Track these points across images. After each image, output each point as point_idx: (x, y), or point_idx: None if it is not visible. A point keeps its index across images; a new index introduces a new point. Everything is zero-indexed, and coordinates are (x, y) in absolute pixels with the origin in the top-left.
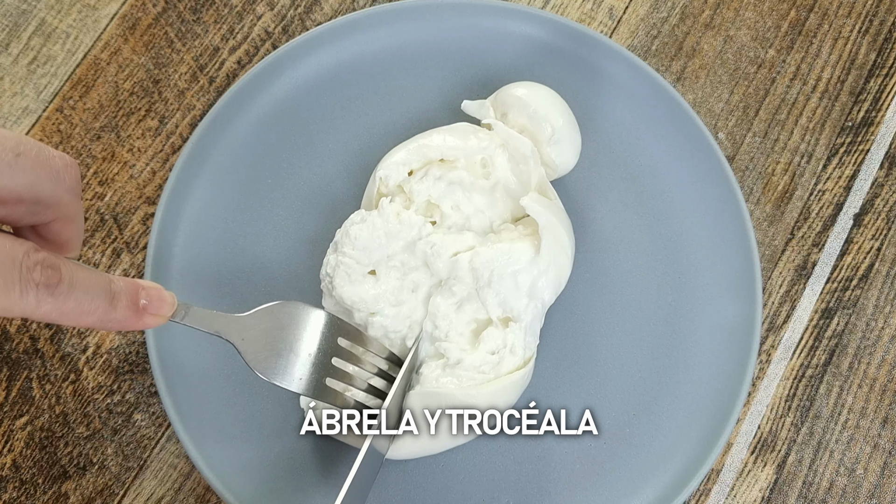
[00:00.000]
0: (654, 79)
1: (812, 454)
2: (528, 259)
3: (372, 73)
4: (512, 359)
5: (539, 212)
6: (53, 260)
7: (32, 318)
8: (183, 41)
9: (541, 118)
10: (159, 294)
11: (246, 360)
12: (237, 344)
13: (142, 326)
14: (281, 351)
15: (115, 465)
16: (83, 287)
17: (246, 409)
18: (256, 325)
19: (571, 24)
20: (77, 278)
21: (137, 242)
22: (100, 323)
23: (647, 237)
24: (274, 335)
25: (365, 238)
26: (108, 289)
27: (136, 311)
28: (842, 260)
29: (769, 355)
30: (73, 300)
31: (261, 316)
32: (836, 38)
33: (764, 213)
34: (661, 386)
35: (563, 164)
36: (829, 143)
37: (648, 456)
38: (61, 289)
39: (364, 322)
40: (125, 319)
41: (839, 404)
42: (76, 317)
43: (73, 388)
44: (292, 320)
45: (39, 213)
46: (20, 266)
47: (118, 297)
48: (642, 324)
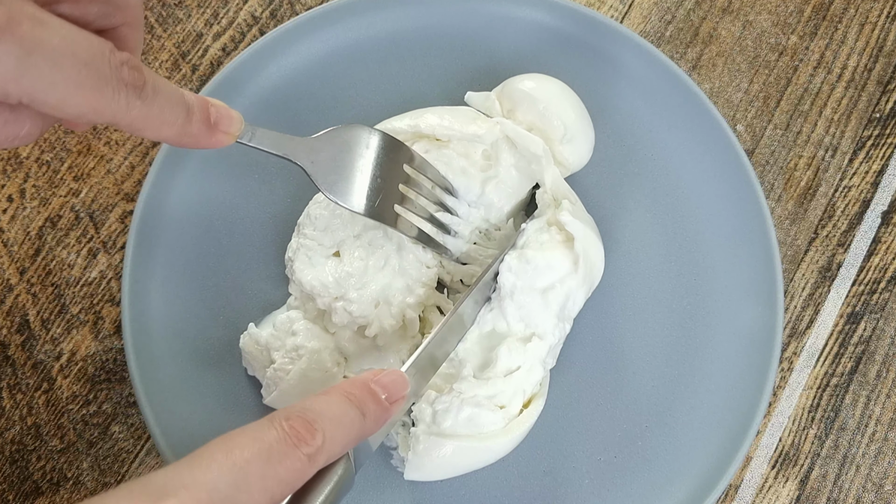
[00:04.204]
0: (668, 67)
1: (837, 469)
2: (562, 275)
3: (366, 61)
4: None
5: (578, 227)
6: (136, 61)
7: (118, 122)
8: (164, 26)
9: (552, 115)
10: (227, 112)
11: (317, 183)
12: (306, 167)
13: (213, 144)
14: (350, 174)
15: (91, 481)
16: (165, 94)
17: (231, 421)
18: (324, 147)
19: (580, 8)
20: (159, 83)
21: (115, 242)
22: (176, 136)
23: (660, 236)
24: (342, 158)
25: (326, 217)
26: (184, 100)
27: (209, 127)
28: (869, 261)
29: (791, 363)
30: (157, 106)
31: (328, 138)
32: (862, 23)
33: (786, 210)
34: (675, 396)
35: (577, 162)
36: (855, 135)
37: (662, 471)
38: (146, 92)
39: (328, 308)
40: (200, 134)
41: (866, 415)
42: (158, 126)
43: (46, 397)
44: (359, 142)
45: (110, 14)
46: (108, 62)
47: (193, 110)
48: (655, 329)
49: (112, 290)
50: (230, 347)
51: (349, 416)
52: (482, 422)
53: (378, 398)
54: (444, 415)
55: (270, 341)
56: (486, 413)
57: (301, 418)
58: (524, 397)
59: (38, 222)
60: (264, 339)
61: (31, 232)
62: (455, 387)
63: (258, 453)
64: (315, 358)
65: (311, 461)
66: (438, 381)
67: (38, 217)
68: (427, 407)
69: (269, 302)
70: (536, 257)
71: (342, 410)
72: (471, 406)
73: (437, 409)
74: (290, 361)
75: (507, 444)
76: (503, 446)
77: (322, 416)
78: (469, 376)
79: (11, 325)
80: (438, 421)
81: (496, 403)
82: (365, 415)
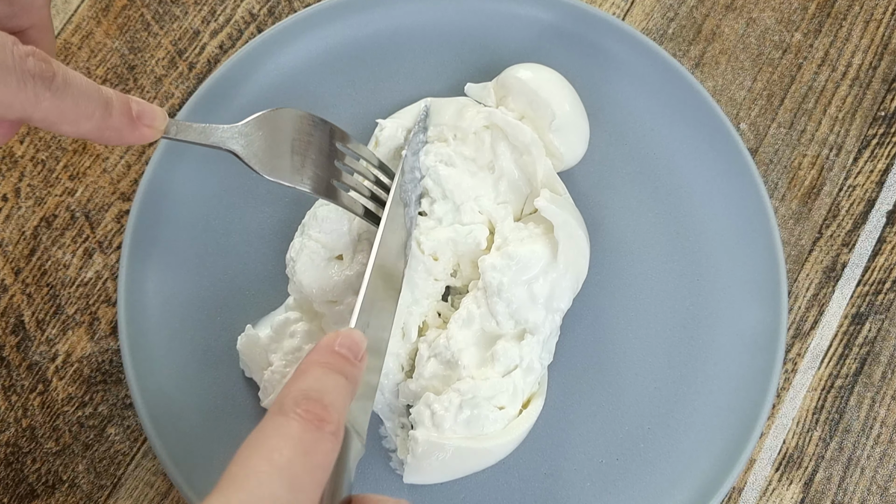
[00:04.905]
0: (670, 65)
1: (842, 471)
2: (544, 265)
3: (365, 58)
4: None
5: (555, 212)
6: (43, 53)
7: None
8: (160, 24)
9: (542, 103)
10: (150, 107)
11: (252, 166)
12: (238, 151)
13: (138, 139)
14: (283, 153)
15: (87, 484)
16: (78, 86)
17: (229, 423)
18: (254, 131)
19: (581, 4)
20: (71, 76)
21: (111, 242)
22: (97, 130)
23: (662, 236)
24: (274, 138)
25: (334, 220)
26: (100, 93)
27: (131, 120)
28: (874, 261)
29: (795, 364)
30: (71, 98)
31: (257, 123)
32: (867, 20)
33: (789, 210)
34: (677, 397)
35: (570, 155)
36: (860, 134)
37: (664, 473)
38: (57, 83)
39: (327, 311)
40: (122, 128)
41: (871, 417)
42: (75, 120)
43: (42, 399)
44: (290, 124)
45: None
46: (11, 53)
47: (112, 103)
48: (657, 330)
49: (108, 290)
50: (228, 348)
51: (339, 383)
52: (482, 423)
53: (348, 359)
54: (442, 417)
55: (268, 343)
56: (485, 414)
57: (310, 400)
58: (523, 397)
59: (33, 222)
60: (262, 340)
61: (25, 232)
62: (453, 388)
63: (294, 449)
64: None
65: (336, 437)
66: (437, 383)
67: (33, 217)
68: (426, 409)
69: (266, 302)
70: (518, 251)
71: (332, 380)
72: (470, 407)
73: (436, 410)
74: (288, 363)
75: (508, 446)
76: (503, 447)
77: (323, 392)
78: (467, 377)
79: (6, 326)
80: (437, 423)
81: (495, 404)
82: (347, 377)
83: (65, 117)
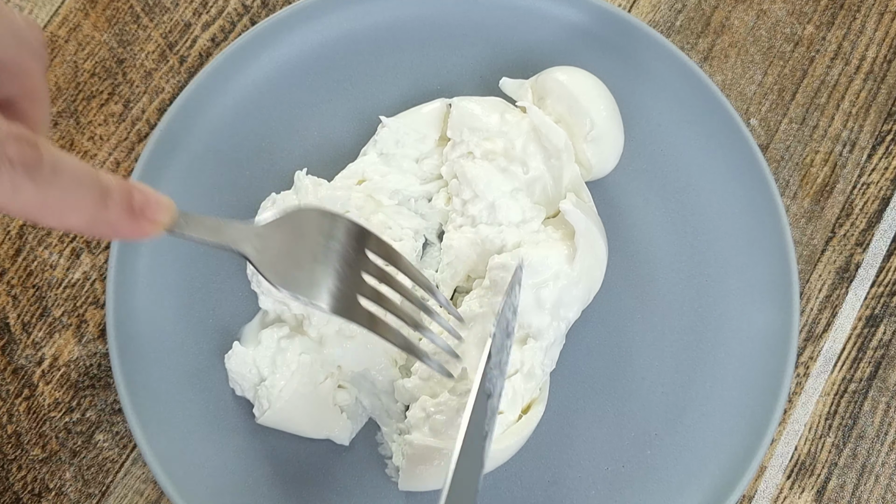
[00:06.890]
0: (678, 58)
1: (856, 479)
2: (555, 271)
3: (362, 52)
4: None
5: (579, 218)
6: (30, 135)
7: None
8: (150, 16)
9: (581, 110)
10: (156, 196)
11: (262, 273)
12: (250, 255)
13: (137, 235)
14: (302, 261)
15: (75, 492)
16: (70, 174)
17: (220, 430)
18: (271, 233)
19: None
20: (61, 162)
21: (99, 241)
22: (88, 225)
23: (670, 235)
24: (293, 244)
25: None
26: (97, 181)
27: (132, 214)
28: (888, 261)
29: (807, 368)
30: (58, 189)
31: (276, 224)
32: (881, 12)
33: (801, 208)
34: (685, 402)
35: (600, 167)
36: (874, 130)
37: (671, 481)
38: (42, 172)
39: (304, 312)
40: (118, 222)
41: (885, 423)
42: (60, 213)
43: (28, 404)
44: (313, 227)
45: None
46: None
47: (109, 194)
48: (665, 332)
49: (96, 291)
50: (218, 351)
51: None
52: None
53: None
54: (438, 421)
55: (259, 359)
56: None
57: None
58: (522, 402)
59: (18, 221)
60: (251, 356)
61: (11, 231)
62: (450, 391)
63: None
64: (307, 371)
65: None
66: (433, 385)
67: None
68: (421, 412)
69: (257, 304)
70: (531, 254)
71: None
72: None
73: (432, 415)
74: (282, 378)
75: (505, 452)
76: (501, 453)
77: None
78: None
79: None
80: (433, 427)
81: None
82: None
83: (48, 210)
